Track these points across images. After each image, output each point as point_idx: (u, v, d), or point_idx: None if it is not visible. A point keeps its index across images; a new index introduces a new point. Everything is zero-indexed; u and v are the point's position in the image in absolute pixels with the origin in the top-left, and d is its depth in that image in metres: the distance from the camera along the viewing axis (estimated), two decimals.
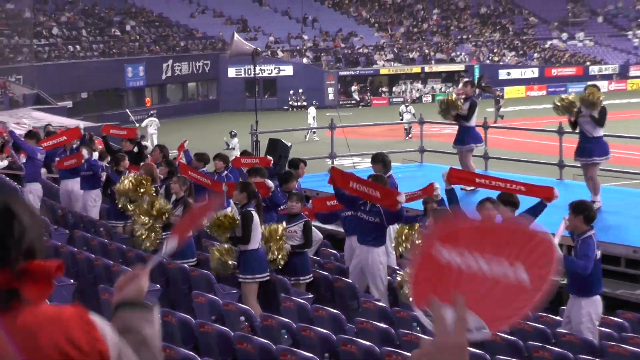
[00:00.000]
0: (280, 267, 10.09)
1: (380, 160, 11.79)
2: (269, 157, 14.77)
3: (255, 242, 9.79)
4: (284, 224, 10.28)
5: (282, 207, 11.21)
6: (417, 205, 11.17)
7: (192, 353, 6.90)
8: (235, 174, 13.37)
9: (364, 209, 10.36)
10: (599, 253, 8.50)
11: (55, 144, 15.06)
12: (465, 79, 20.00)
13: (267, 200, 11.08)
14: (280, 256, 10.00)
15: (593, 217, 8.52)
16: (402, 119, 39.46)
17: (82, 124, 13.62)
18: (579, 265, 8.26)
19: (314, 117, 40.04)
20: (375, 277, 10.23)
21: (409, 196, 10.46)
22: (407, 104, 42.50)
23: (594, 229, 8.53)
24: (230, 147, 29.79)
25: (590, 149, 13.21)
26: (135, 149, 15.41)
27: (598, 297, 8.56)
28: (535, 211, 9.22)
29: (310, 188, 15.43)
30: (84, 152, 13.97)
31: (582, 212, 8.39)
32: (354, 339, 7.36)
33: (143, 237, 10.98)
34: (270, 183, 11.42)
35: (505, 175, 16.28)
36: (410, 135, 36.33)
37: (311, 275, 10.30)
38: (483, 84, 16.82)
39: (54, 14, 52.87)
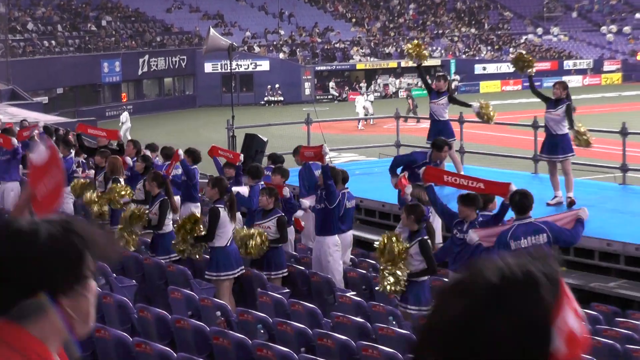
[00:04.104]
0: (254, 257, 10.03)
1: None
2: (239, 153, 14.24)
3: (223, 240, 9.76)
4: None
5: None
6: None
7: (168, 349, 6.91)
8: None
9: (318, 198, 10.44)
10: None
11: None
12: (439, 74, 20.14)
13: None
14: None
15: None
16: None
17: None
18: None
19: (364, 107, 40.15)
20: (327, 268, 10.34)
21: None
22: (367, 94, 43.42)
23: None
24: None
25: (551, 147, 13.35)
26: (115, 145, 15.30)
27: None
28: (501, 212, 9.18)
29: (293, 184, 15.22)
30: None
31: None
32: (330, 333, 7.40)
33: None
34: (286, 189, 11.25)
35: (481, 170, 16.41)
36: (361, 127, 37.12)
37: (286, 270, 10.30)
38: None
39: (28, 8, 52.45)
